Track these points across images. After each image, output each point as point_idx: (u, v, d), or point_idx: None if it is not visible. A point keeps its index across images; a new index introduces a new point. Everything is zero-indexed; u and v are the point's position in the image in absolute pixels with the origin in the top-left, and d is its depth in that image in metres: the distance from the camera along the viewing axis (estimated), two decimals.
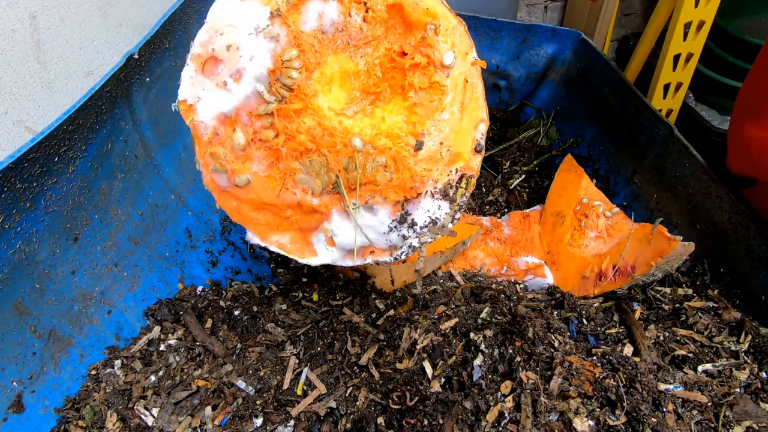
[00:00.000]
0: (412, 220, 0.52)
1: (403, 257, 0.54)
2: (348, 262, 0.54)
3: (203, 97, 0.52)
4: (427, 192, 0.51)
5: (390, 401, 0.63)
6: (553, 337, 0.63)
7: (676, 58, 1.43)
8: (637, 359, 0.61)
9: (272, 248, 0.55)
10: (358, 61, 0.52)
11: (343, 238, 0.51)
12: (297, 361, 0.71)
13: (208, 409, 0.67)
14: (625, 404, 0.53)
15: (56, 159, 0.72)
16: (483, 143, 0.52)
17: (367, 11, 0.51)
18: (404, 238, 0.52)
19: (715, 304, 0.75)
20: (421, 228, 0.52)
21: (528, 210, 1.06)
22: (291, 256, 0.55)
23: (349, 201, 0.51)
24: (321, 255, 0.54)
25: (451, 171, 0.51)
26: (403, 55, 0.52)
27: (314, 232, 0.53)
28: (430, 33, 0.51)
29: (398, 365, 0.68)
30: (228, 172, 0.53)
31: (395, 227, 0.52)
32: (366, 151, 0.51)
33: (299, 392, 0.67)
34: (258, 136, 0.52)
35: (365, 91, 0.53)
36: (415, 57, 0.51)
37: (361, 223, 0.51)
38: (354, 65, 0.52)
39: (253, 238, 0.55)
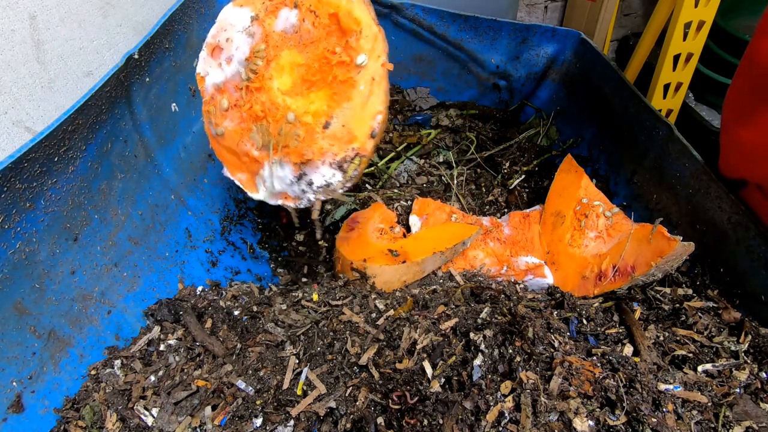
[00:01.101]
0: (310, 180, 0.67)
1: (302, 206, 0.70)
2: (272, 201, 0.71)
3: (209, 72, 0.73)
4: (326, 161, 0.66)
5: (390, 401, 0.63)
6: (553, 337, 0.63)
7: (676, 58, 1.43)
8: (637, 359, 0.61)
9: (236, 181, 0.74)
10: (304, 56, 0.69)
11: (268, 183, 0.70)
12: (297, 361, 0.71)
13: (208, 409, 0.67)
14: (625, 404, 0.53)
15: (56, 159, 0.72)
16: (377, 130, 0.65)
17: (315, 17, 0.68)
18: (303, 192, 0.68)
19: (714, 305, 0.75)
20: (317, 187, 0.67)
21: (528, 210, 1.06)
22: (245, 189, 0.73)
23: (270, 157, 0.69)
24: (260, 193, 0.72)
25: (348, 149, 0.65)
26: (334, 54, 0.67)
27: (257, 176, 0.71)
28: (353, 38, 0.65)
29: (398, 365, 0.68)
30: (214, 124, 0.74)
31: (296, 182, 0.68)
32: (294, 123, 0.67)
33: (299, 392, 0.67)
34: (233, 101, 0.72)
35: (305, 79, 0.69)
36: (342, 56, 0.66)
37: (276, 173, 0.68)
38: (301, 58, 0.69)
39: (226, 172, 0.75)
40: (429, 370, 0.65)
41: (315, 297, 0.83)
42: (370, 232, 0.97)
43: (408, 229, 1.04)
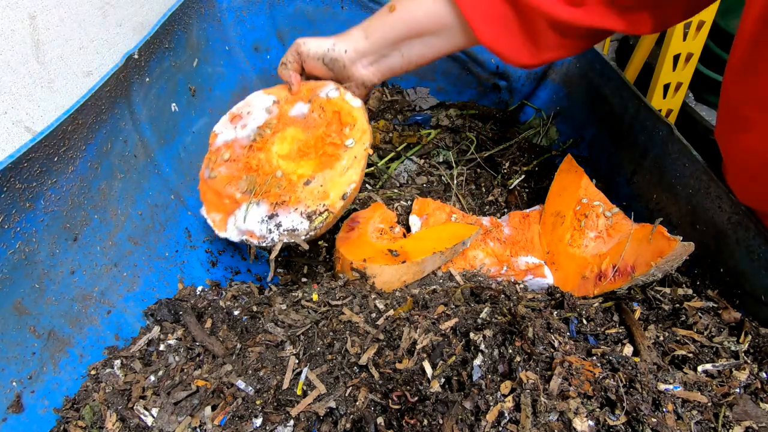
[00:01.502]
0: (279, 222, 0.76)
1: (264, 244, 0.77)
2: (236, 238, 0.79)
3: (223, 132, 0.89)
4: (298, 209, 0.76)
5: (390, 401, 0.63)
6: (553, 337, 0.63)
7: (676, 58, 1.43)
8: (637, 359, 0.61)
9: (208, 220, 0.82)
10: (305, 134, 0.85)
11: (240, 219, 0.78)
12: (297, 361, 0.71)
13: (208, 409, 0.67)
14: (624, 404, 0.53)
15: (56, 159, 0.72)
16: (348, 195, 0.77)
17: (322, 111, 0.85)
18: (270, 231, 0.76)
19: (714, 305, 0.75)
20: (284, 230, 0.75)
21: (528, 210, 1.06)
22: (214, 227, 0.81)
23: (251, 198, 0.79)
24: (227, 231, 0.79)
25: (320, 204, 0.75)
26: (329, 136, 0.83)
27: (230, 216, 0.80)
28: (348, 128, 0.83)
29: (398, 365, 0.68)
30: (210, 169, 0.86)
31: (267, 220, 0.76)
32: (280, 179, 0.81)
33: (299, 392, 0.67)
34: (234, 156, 0.85)
35: (300, 149, 0.84)
36: (335, 139, 0.83)
37: (251, 209, 0.78)
38: (302, 135, 0.85)
39: (203, 211, 0.84)
40: (429, 370, 0.65)
41: (315, 297, 0.83)
42: (370, 232, 0.97)
43: (408, 229, 1.04)
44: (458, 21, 0.78)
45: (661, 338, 0.69)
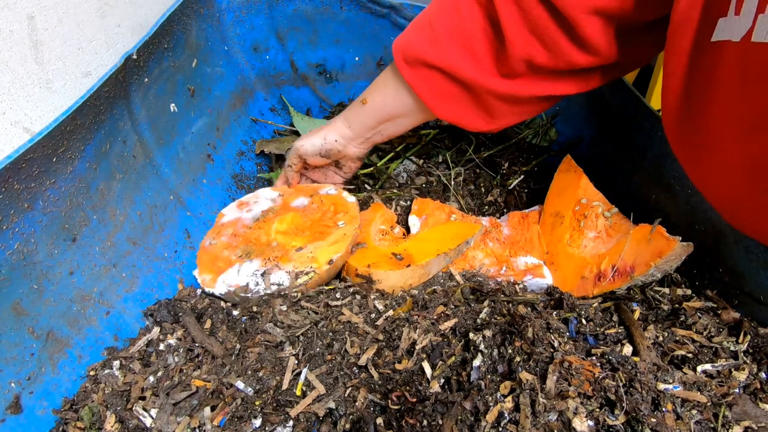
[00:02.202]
0: (269, 277, 0.84)
1: (250, 296, 0.84)
2: (222, 291, 0.86)
3: (229, 213, 1.02)
4: (286, 269, 0.84)
5: (389, 402, 0.63)
6: (553, 337, 0.63)
7: None
8: (636, 359, 0.61)
9: (199, 279, 0.89)
10: (304, 218, 0.96)
11: (231, 277, 0.86)
12: (296, 362, 0.71)
13: (207, 409, 0.67)
14: (624, 404, 0.53)
15: (54, 159, 0.72)
16: (335, 261, 0.85)
17: (321, 203, 0.99)
18: (256, 284, 0.84)
19: (714, 305, 0.75)
20: (271, 283, 0.83)
21: (527, 210, 1.06)
22: (203, 285, 0.88)
23: (246, 258, 0.89)
24: (216, 287, 0.86)
25: (308, 266, 0.84)
26: (324, 219, 0.96)
27: (221, 275, 0.87)
28: (341, 215, 0.95)
29: (397, 366, 0.68)
30: (211, 239, 0.96)
31: (257, 275, 0.84)
32: (276, 248, 0.90)
33: (298, 393, 0.67)
34: (236, 232, 0.96)
35: (297, 228, 0.95)
36: (329, 222, 0.94)
37: (244, 267, 0.87)
38: (300, 219, 0.96)
39: (195, 272, 0.90)
40: (428, 371, 0.65)
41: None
42: (372, 235, 0.97)
43: (407, 229, 1.04)
44: (419, 104, 0.88)
45: (661, 338, 0.69)
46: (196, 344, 0.77)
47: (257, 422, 0.65)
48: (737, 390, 0.60)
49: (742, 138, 0.54)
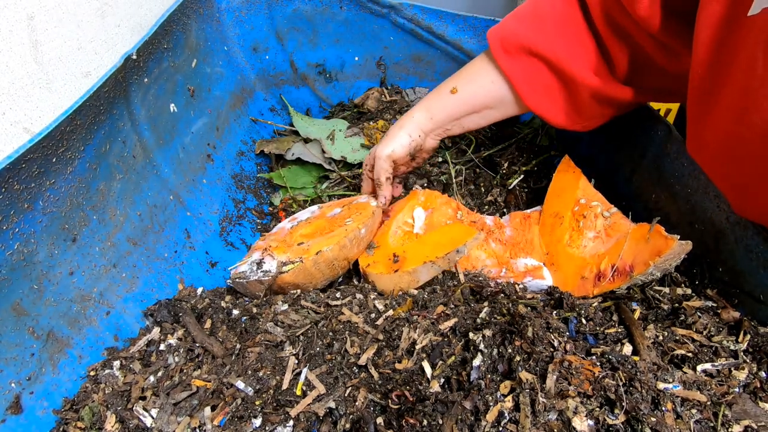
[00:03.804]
0: (263, 265, 0.90)
1: (245, 281, 0.89)
2: (230, 277, 0.93)
3: (281, 224, 1.12)
4: (279, 258, 0.90)
5: (389, 401, 0.63)
6: (553, 337, 0.63)
7: None
8: (636, 358, 0.61)
9: (238, 266, 0.97)
10: (328, 224, 1.00)
11: (239, 268, 0.95)
12: (296, 362, 0.71)
13: (207, 409, 0.67)
14: (624, 403, 0.53)
15: (54, 160, 0.72)
16: (323, 252, 0.88)
17: (348, 209, 1.02)
18: (251, 271, 0.90)
19: (713, 304, 0.75)
20: (260, 271, 0.89)
21: (529, 210, 1.06)
22: (236, 265, 0.96)
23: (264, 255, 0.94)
24: (232, 272, 0.94)
25: (296, 258, 0.88)
26: (340, 220, 0.99)
27: (235, 264, 0.97)
28: (356, 214, 0.98)
29: (397, 365, 0.68)
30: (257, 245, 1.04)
31: (253, 263, 0.92)
32: (299, 246, 0.94)
33: (298, 392, 0.67)
34: (276, 238, 1.03)
35: (318, 230, 0.99)
36: (341, 222, 0.98)
37: (251, 259, 0.94)
38: (325, 223, 1.01)
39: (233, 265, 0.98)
40: (428, 370, 0.65)
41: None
42: (393, 229, 0.98)
43: (411, 221, 1.04)
44: (510, 95, 0.89)
45: (661, 338, 0.69)
46: (197, 344, 0.77)
47: (257, 422, 0.65)
48: (737, 389, 0.60)
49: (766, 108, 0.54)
